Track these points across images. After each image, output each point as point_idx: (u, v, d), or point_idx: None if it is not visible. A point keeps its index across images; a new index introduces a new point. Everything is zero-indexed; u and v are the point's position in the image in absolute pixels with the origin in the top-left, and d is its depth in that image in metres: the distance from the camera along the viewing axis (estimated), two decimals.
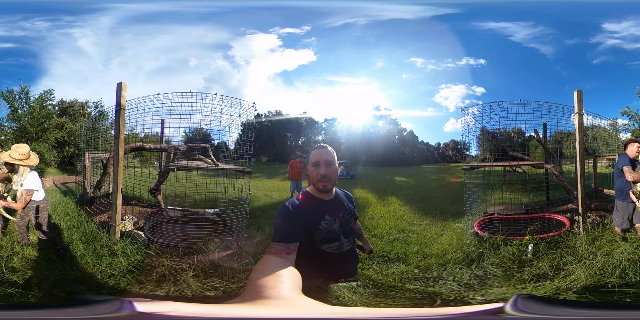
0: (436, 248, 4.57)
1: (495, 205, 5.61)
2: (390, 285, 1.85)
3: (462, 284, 3.38)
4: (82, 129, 7.14)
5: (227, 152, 5.76)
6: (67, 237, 4.16)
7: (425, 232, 5.40)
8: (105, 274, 3.35)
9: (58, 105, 11.62)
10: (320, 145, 1.87)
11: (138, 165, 8.21)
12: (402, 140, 25.31)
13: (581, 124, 4.61)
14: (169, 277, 3.24)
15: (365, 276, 3.41)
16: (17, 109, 7.86)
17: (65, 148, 9.14)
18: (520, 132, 7.33)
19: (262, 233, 4.84)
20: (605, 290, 2.94)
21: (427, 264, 4.01)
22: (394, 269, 3.86)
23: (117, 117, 4.46)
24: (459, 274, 3.64)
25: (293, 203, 1.77)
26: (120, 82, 4.43)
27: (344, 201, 1.98)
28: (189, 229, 4.56)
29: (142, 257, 3.69)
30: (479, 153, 6.94)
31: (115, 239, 4.13)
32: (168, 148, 5.53)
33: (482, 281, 3.50)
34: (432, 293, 2.64)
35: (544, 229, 4.53)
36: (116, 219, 4.29)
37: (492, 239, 4.28)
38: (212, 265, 3.47)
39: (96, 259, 3.63)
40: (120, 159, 4.43)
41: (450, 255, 4.15)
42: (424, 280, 3.53)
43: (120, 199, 4.36)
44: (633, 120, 8.50)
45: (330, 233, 1.83)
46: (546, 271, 3.52)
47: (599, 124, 6.32)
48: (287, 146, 26.81)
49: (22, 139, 7.70)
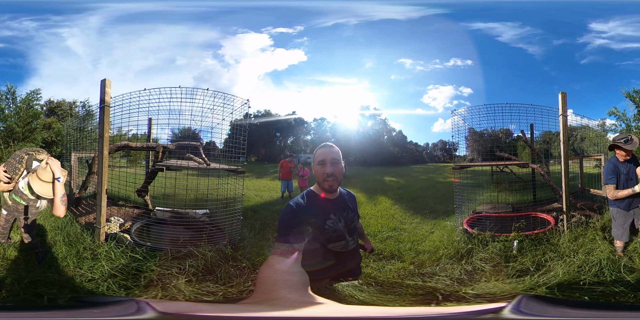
0: (428, 245, 4.67)
1: (483, 204, 5.74)
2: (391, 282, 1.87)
3: (455, 279, 3.45)
4: (69, 128, 7.00)
5: (215, 151, 5.66)
6: (50, 239, 4.02)
7: (417, 230, 5.47)
8: (84, 277, 3.23)
9: (46, 105, 11.46)
10: (326, 144, 1.85)
11: (125, 165, 8.03)
12: (391, 140, 25.50)
13: (565, 125, 4.74)
14: (157, 282, 3.15)
15: (365, 274, 3.41)
16: (4, 109, 7.67)
17: (53, 148, 8.97)
18: (508, 133, 7.48)
19: (255, 234, 4.80)
20: (575, 288, 3.03)
21: (420, 260, 4.08)
22: (391, 266, 3.90)
23: (102, 115, 4.26)
24: (451, 269, 3.72)
25: (298, 203, 1.75)
26: (104, 78, 4.25)
27: (347, 200, 1.97)
28: (178, 231, 4.44)
29: (127, 260, 3.58)
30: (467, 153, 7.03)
31: (99, 242, 3.98)
32: (156, 147, 5.35)
33: (472, 276, 3.58)
34: (431, 288, 2.67)
35: (529, 227, 4.66)
36: (101, 221, 4.12)
37: (480, 236, 4.41)
38: (206, 270, 3.37)
39: (78, 262, 3.50)
40: (104, 158, 4.24)
41: (441, 251, 4.24)
42: (419, 276, 3.57)
43: (105, 201, 4.19)
44: (620, 120, 8.72)
45: (336, 232, 1.82)
46: (528, 267, 3.63)
47: (587, 124, 6.46)
48: (276, 146, 26.68)
49: (8, 139, 7.50)
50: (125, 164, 8.34)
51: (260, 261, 3.61)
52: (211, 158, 5.24)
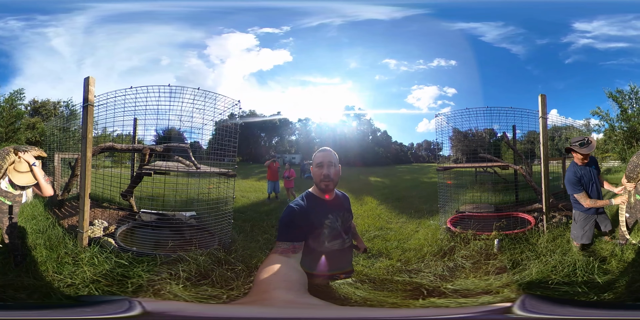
0: (413, 243, 4.80)
1: (467, 204, 5.90)
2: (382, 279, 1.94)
3: (437, 276, 3.57)
4: (53, 128, 6.79)
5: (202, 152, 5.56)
6: (31, 242, 3.87)
7: (402, 229, 5.59)
8: (63, 282, 3.14)
9: (30, 105, 11.23)
10: (324, 149, 2.03)
11: (110, 166, 7.81)
12: (376, 140, 25.75)
13: (545, 127, 4.90)
14: (148, 288, 3.09)
15: (358, 271, 3.48)
16: None
17: None
18: (492, 133, 7.66)
19: (245, 236, 4.77)
20: (543, 286, 3.15)
21: (407, 257, 4.20)
22: (380, 264, 4.00)
23: (85, 115, 4.07)
24: (434, 266, 3.85)
25: (298, 203, 1.90)
26: (87, 76, 4.05)
27: (343, 201, 2.14)
28: (165, 235, 4.32)
29: (111, 266, 3.48)
30: (451, 154, 7.19)
31: (81, 247, 3.84)
32: (142, 148, 5.16)
33: (453, 272, 3.70)
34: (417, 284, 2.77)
35: (510, 226, 4.83)
36: (83, 225, 3.95)
37: (462, 234, 4.57)
38: (199, 274, 3.32)
39: (58, 266, 3.39)
40: (88, 160, 4.04)
41: (426, 249, 4.39)
42: (406, 272, 3.69)
43: (87, 204, 4.01)
44: (604, 120, 8.79)
45: (334, 230, 1.97)
46: (506, 264, 3.77)
47: (572, 124, 6.58)
48: (261, 146, 26.47)
49: None
50: (110, 164, 8.12)
51: (255, 264, 3.60)
52: (199, 160, 5.12)
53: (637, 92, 8.37)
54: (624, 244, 3.70)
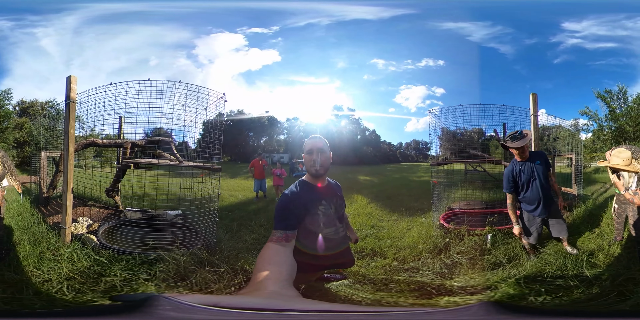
0: (407, 241, 4.76)
1: (458, 201, 5.93)
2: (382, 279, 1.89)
3: (437, 273, 3.56)
4: (39, 128, 6.78)
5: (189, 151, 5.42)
6: (16, 238, 3.78)
7: (395, 227, 5.56)
8: (41, 278, 3.04)
9: (18, 105, 11.14)
10: (314, 136, 2.08)
11: (98, 165, 7.67)
12: (364, 139, 25.85)
13: (536, 125, 4.99)
14: (121, 289, 2.98)
15: (353, 272, 3.39)
16: None
17: (25, 148, 8.65)
18: (481, 132, 7.73)
19: (232, 236, 4.63)
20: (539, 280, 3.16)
21: (402, 255, 4.16)
22: (375, 263, 3.92)
23: (67, 111, 4.17)
24: (432, 263, 3.82)
25: (291, 191, 1.93)
26: (69, 75, 4.20)
27: (335, 189, 2.20)
28: (148, 234, 4.19)
29: (90, 263, 3.38)
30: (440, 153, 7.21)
31: (63, 242, 3.78)
32: (124, 143, 5.11)
33: (451, 269, 3.70)
34: (420, 282, 2.72)
35: (502, 222, 4.86)
36: (66, 221, 3.93)
37: (456, 230, 4.56)
38: (178, 275, 3.17)
39: (39, 262, 3.30)
40: (70, 155, 4.08)
41: (421, 246, 4.35)
42: (405, 271, 3.64)
43: (70, 200, 4.02)
44: (592, 120, 8.94)
45: (328, 217, 2.00)
46: (501, 260, 3.79)
47: (560, 124, 6.68)
48: (249, 146, 26.24)
49: None
50: (99, 163, 7.99)
51: (241, 266, 3.47)
52: (185, 157, 5.00)
53: (625, 92, 8.58)
54: (619, 241, 3.79)
